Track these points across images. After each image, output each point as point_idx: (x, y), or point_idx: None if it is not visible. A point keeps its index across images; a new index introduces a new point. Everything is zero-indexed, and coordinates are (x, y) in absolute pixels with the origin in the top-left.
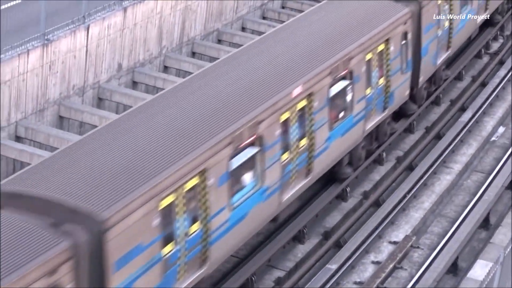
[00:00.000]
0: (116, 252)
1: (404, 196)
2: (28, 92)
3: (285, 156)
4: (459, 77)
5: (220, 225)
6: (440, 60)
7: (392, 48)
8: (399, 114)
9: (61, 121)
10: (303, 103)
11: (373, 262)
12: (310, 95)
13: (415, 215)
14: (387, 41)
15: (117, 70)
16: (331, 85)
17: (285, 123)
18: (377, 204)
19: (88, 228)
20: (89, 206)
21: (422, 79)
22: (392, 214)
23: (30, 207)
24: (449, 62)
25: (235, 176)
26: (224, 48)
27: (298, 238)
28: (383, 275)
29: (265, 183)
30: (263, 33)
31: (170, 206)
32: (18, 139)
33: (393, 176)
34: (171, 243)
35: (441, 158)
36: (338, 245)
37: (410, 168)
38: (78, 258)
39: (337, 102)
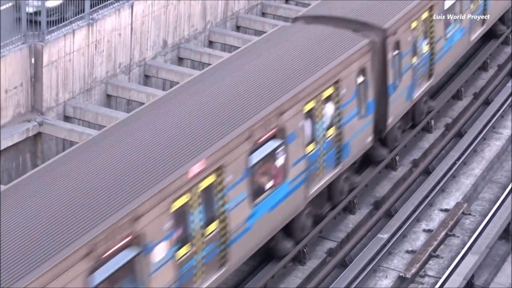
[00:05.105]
0: (391, 54)
1: (454, 163)
2: (75, 72)
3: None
4: (506, 42)
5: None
6: None
7: None
8: None
9: (108, 100)
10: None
11: (424, 230)
12: None
13: (466, 181)
14: None
15: (162, 47)
16: None
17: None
18: (427, 172)
19: (377, 33)
20: (375, 20)
21: None
22: (443, 181)
23: (339, 23)
24: None
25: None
26: (269, 21)
27: (349, 208)
28: (435, 243)
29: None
30: (308, 4)
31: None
32: (66, 118)
33: (442, 143)
34: None
35: (490, 123)
36: (389, 214)
37: (459, 134)
38: (373, 51)
39: None
